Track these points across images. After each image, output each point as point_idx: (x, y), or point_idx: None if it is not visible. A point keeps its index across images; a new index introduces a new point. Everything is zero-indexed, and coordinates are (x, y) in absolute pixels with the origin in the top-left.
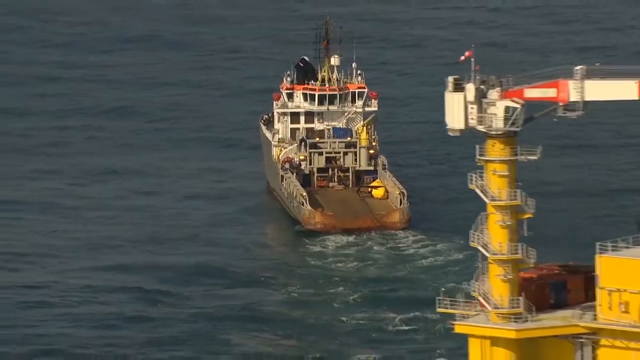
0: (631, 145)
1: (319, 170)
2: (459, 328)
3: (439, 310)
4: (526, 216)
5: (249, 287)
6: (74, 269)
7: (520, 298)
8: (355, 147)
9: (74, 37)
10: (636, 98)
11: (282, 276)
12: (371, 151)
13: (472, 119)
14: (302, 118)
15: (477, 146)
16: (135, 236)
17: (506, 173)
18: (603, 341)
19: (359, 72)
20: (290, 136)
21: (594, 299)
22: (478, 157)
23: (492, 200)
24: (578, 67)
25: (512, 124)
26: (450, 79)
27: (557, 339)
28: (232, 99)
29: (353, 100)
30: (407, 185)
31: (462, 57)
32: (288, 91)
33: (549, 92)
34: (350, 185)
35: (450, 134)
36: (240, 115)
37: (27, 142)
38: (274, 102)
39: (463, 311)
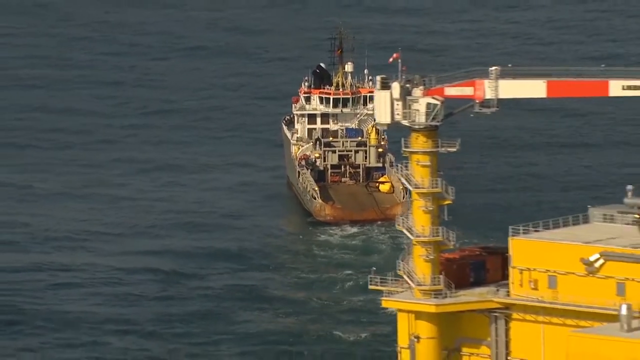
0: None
1: (333, 166)
2: (386, 303)
3: (370, 287)
4: (446, 202)
5: (259, 270)
6: (103, 252)
7: (441, 276)
8: (366, 146)
9: (130, 47)
10: (544, 96)
11: (290, 262)
12: (380, 150)
13: (397, 114)
14: (318, 119)
15: (402, 139)
16: (163, 223)
17: (428, 163)
18: (515, 315)
19: (370, 77)
20: (308, 135)
21: None
22: (403, 148)
23: (416, 187)
24: (492, 68)
25: (433, 119)
26: (379, 78)
27: (474, 313)
28: (263, 101)
29: (364, 103)
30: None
31: (390, 59)
32: (306, 95)
33: (467, 91)
34: (361, 181)
35: (379, 127)
36: (270, 116)
37: (83, 138)
38: (293, 105)
39: (389, 288)
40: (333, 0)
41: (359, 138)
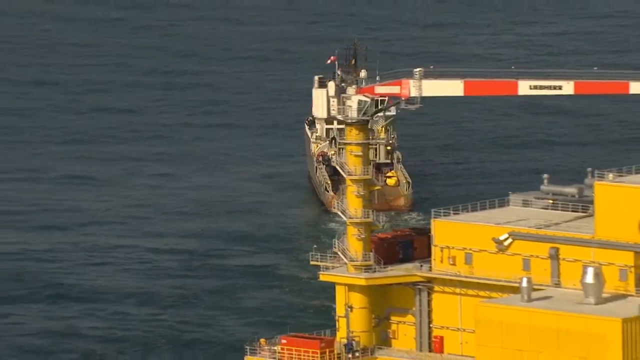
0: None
1: None
2: (323, 277)
3: (312, 263)
4: (376, 188)
5: (273, 252)
6: (136, 234)
7: (371, 253)
8: (376, 145)
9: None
10: (462, 94)
11: (301, 246)
12: (388, 147)
13: (333, 109)
14: (335, 120)
15: (338, 131)
16: (191, 209)
17: (360, 153)
18: (436, 288)
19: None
20: (325, 135)
21: None
22: (339, 140)
23: (349, 175)
24: (417, 70)
25: (364, 114)
26: (316, 77)
27: (401, 286)
28: (293, 103)
29: (376, 106)
30: (418, 174)
31: (328, 61)
32: None
33: (394, 89)
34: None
35: (317, 122)
36: (300, 117)
37: (133, 134)
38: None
39: (326, 264)
40: (349, 18)
41: (370, 137)
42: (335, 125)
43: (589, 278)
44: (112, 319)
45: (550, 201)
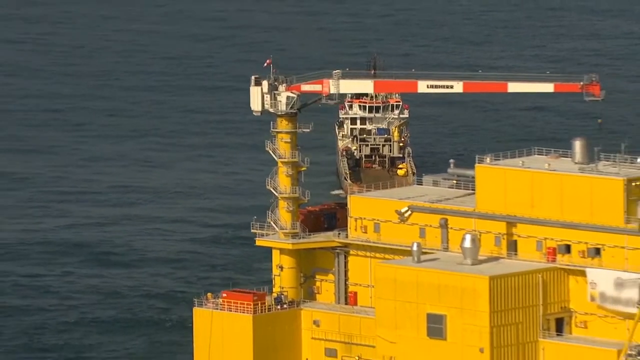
0: None
1: (366, 156)
2: (258, 242)
3: (252, 231)
4: (302, 169)
5: None
6: (176, 209)
7: (297, 223)
8: (391, 142)
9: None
10: (372, 92)
11: None
12: (401, 144)
13: (267, 104)
14: (358, 121)
15: (272, 122)
16: (237, 189)
17: (289, 140)
18: (351, 252)
19: None
20: (350, 133)
21: None
22: (272, 129)
23: (280, 158)
24: (335, 71)
25: (291, 107)
26: (253, 77)
27: (323, 250)
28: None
29: (392, 110)
30: (424, 166)
31: (265, 64)
32: (349, 103)
33: (317, 87)
34: (386, 167)
35: (254, 114)
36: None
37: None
38: (340, 111)
39: (261, 231)
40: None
41: (386, 135)
42: (358, 125)
43: (467, 243)
44: (151, 277)
45: (454, 181)
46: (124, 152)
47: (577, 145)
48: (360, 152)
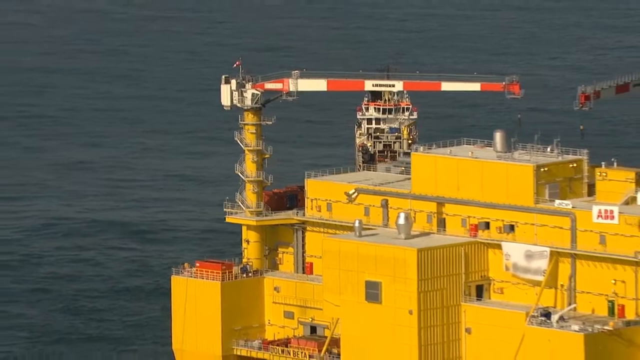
0: None
1: (379, 152)
2: (229, 219)
3: (224, 210)
4: (266, 156)
5: None
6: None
7: (262, 202)
8: (401, 139)
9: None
10: (326, 90)
11: None
12: (410, 141)
13: (235, 100)
14: (373, 121)
15: (239, 115)
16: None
17: (254, 131)
18: (308, 228)
19: (406, 94)
20: (366, 132)
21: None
22: (240, 122)
23: (246, 146)
24: (294, 71)
25: (256, 103)
26: (223, 77)
27: (284, 226)
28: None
29: (403, 112)
30: None
31: (234, 65)
32: (365, 105)
33: (278, 85)
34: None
35: (225, 109)
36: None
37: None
38: (357, 112)
39: (232, 210)
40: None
41: (397, 133)
42: (373, 125)
43: (401, 220)
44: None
45: (403, 168)
46: (175, 146)
47: (498, 136)
48: (374, 147)
